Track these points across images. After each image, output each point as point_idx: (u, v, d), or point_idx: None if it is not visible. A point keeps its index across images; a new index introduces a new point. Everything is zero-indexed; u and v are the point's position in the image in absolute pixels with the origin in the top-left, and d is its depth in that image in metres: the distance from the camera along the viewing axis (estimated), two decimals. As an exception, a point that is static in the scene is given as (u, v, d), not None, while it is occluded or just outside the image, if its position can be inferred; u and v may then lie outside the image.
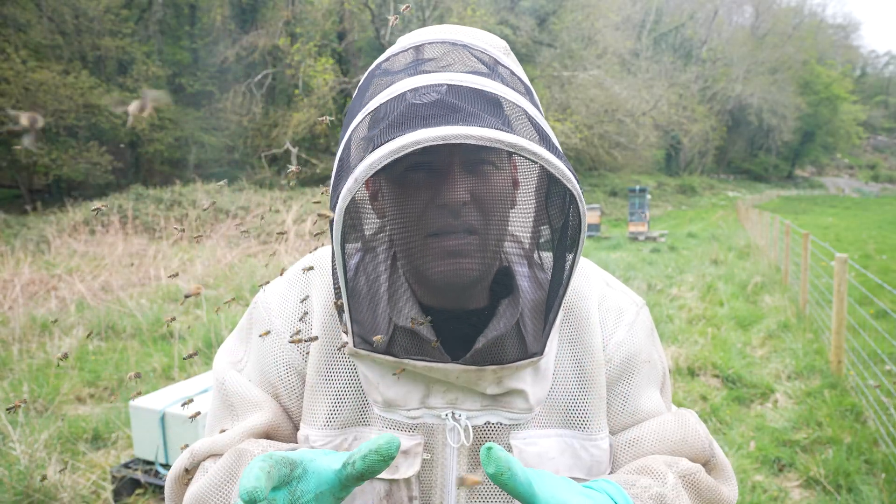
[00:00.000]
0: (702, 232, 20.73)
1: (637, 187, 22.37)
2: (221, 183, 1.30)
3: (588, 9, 37.56)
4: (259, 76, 28.93)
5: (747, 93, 51.43)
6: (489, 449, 0.66)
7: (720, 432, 4.69)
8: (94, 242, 12.92)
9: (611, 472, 0.95)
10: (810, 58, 58.62)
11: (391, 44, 0.94)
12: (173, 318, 0.82)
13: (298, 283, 0.98)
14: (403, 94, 0.76)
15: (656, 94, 40.79)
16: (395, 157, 0.69)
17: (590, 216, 20.47)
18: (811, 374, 5.71)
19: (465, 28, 0.88)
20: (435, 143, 0.68)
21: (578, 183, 0.77)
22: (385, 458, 0.68)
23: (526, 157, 0.71)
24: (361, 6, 28.84)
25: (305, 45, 27.45)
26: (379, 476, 0.87)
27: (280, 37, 28.22)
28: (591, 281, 1.00)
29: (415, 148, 0.68)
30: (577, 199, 0.76)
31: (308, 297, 0.97)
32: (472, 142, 0.68)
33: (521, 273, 0.92)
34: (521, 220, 0.94)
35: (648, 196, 21.52)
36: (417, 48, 0.85)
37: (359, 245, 0.93)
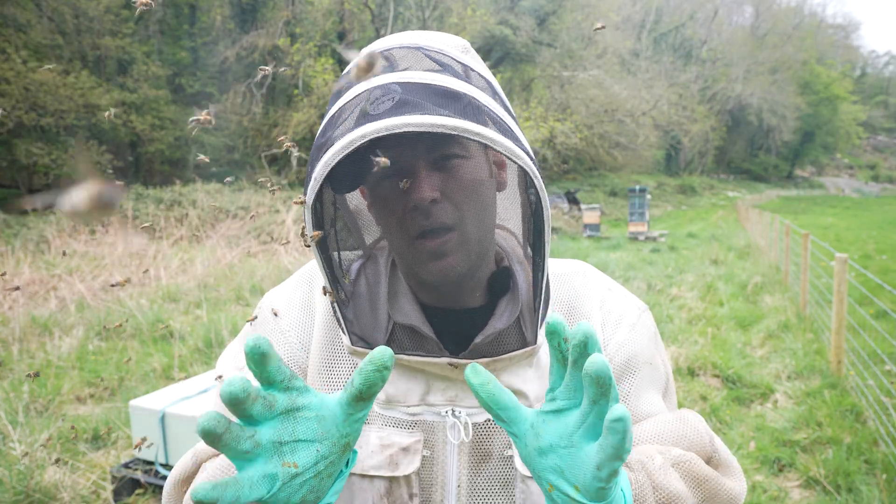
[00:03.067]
0: (702, 232, 20.73)
1: (637, 187, 22.34)
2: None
3: (588, 9, 37.54)
4: (259, 76, 28.87)
5: (747, 93, 51.40)
6: (475, 366, 0.73)
7: (720, 432, 4.68)
8: (94, 242, 12.90)
9: None
10: (810, 58, 58.62)
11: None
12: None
13: (303, 285, 1.01)
14: (358, 96, 0.80)
15: (656, 94, 40.74)
16: (346, 152, 0.73)
17: (590, 216, 20.47)
18: (811, 375, 5.71)
19: (426, 33, 0.91)
20: (378, 134, 0.71)
21: (534, 163, 0.78)
22: (380, 368, 0.68)
23: (469, 139, 0.73)
24: (361, 6, 28.84)
25: (305, 45, 27.44)
26: (379, 474, 0.88)
27: (280, 37, 28.21)
28: (591, 282, 1.01)
29: (362, 142, 0.72)
30: (532, 175, 0.77)
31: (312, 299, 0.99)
32: (412, 129, 0.71)
33: (519, 269, 0.92)
34: (498, 211, 0.95)
35: (648, 196, 21.50)
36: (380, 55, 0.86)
37: (360, 252, 0.95)
